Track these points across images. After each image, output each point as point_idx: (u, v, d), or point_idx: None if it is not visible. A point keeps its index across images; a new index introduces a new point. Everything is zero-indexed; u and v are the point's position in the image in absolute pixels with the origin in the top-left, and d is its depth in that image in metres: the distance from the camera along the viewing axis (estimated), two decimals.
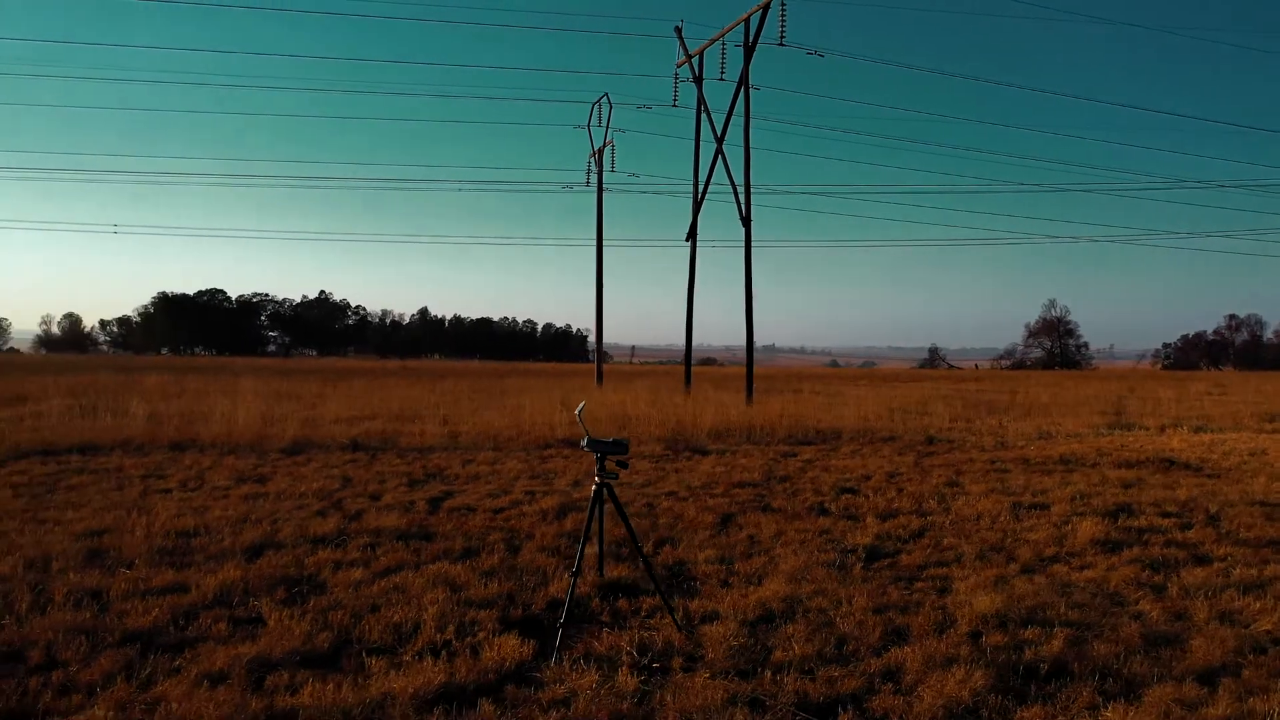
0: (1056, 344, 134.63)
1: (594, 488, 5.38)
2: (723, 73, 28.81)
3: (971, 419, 21.89)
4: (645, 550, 7.51)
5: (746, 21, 27.44)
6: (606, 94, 40.07)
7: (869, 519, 8.97)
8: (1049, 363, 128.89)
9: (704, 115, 29.95)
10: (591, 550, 6.43)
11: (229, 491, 10.15)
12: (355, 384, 35.42)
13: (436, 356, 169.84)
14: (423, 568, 6.75)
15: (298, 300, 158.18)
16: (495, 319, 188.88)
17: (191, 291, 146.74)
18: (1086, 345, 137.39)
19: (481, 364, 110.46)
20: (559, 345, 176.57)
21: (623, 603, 5.98)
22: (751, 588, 6.38)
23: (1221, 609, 5.95)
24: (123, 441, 14.20)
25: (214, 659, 4.70)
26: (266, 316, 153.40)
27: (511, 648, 4.97)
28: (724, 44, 28.68)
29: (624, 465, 5.48)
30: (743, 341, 28.01)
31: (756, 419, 18.83)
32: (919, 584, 6.58)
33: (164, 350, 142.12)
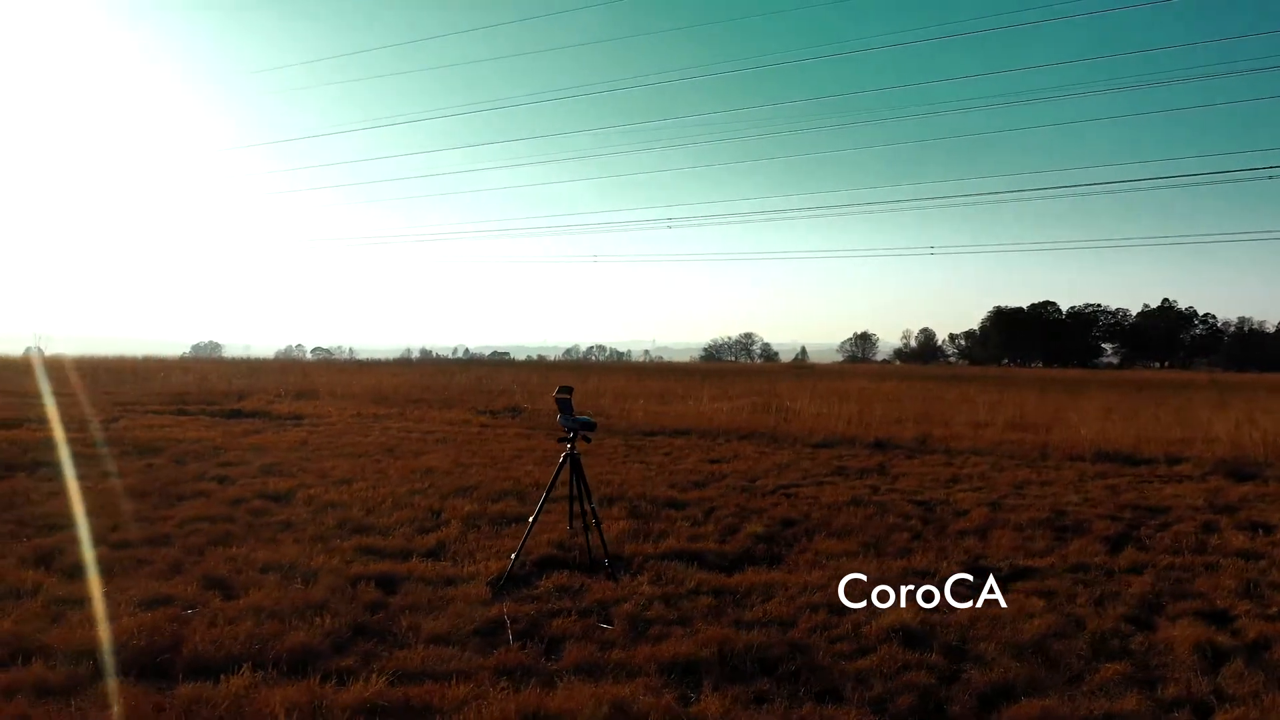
0: None
1: (563, 457, 6.90)
2: None
3: None
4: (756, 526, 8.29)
5: None
6: None
7: (1075, 541, 8.00)
8: None
9: None
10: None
11: (673, 463, 13.09)
12: (1086, 396, 34.17)
13: None
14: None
15: (1135, 310, 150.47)
16: None
17: (1024, 305, 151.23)
18: None
19: None
20: None
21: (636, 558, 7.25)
22: (770, 570, 7.04)
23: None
24: (708, 430, 17.93)
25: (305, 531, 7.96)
26: (1100, 328, 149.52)
27: (490, 569, 6.86)
28: None
29: (588, 440, 6.93)
30: None
31: None
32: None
33: (1004, 361, 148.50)
